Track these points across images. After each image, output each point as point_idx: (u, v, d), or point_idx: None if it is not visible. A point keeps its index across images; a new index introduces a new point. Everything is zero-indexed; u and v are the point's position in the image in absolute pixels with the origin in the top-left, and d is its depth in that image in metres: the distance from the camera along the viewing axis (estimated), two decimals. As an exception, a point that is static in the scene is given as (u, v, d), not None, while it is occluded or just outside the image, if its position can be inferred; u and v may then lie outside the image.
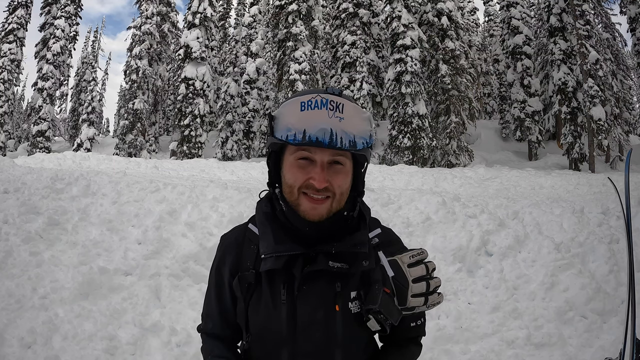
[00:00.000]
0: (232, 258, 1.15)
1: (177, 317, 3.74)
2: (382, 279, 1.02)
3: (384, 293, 1.00)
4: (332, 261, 1.04)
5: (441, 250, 4.86)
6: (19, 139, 34.25)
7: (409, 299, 1.01)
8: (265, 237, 1.08)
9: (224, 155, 24.62)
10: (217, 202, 5.78)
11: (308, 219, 1.04)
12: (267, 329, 1.07)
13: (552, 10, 22.55)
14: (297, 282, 1.05)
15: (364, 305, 1.03)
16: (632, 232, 1.55)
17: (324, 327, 1.04)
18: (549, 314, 3.96)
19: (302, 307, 1.05)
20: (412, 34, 20.60)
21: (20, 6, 31.46)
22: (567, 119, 21.57)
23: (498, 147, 24.90)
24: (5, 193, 5.62)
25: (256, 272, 1.09)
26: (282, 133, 1.01)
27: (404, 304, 1.01)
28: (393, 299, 1.01)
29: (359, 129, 1.02)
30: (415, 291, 1.01)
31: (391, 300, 1.00)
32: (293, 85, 21.86)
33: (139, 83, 27.68)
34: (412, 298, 1.01)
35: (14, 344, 3.17)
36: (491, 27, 31.69)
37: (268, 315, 1.07)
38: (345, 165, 1.05)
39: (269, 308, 1.07)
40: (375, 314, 0.99)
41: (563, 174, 16.50)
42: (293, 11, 22.78)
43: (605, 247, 4.69)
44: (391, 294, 1.01)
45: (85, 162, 14.40)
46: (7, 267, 4.03)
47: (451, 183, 13.04)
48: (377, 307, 0.98)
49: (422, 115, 20.25)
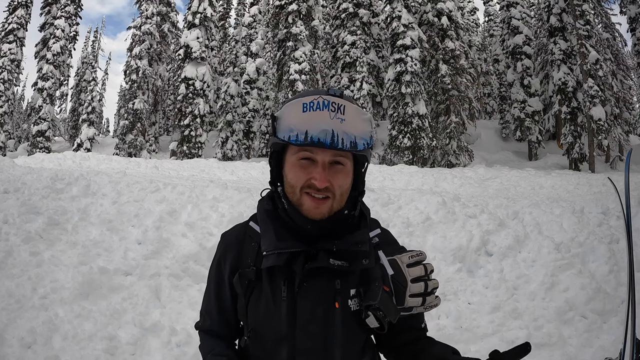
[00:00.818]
0: (232, 255, 1.16)
1: (177, 317, 3.74)
2: (381, 277, 1.03)
3: (383, 291, 1.00)
4: (332, 259, 1.05)
5: (441, 250, 4.85)
6: (19, 139, 34.27)
7: (407, 299, 1.01)
8: (267, 234, 1.09)
9: (224, 155, 24.63)
10: (217, 202, 5.79)
11: (310, 218, 1.05)
12: (267, 325, 1.08)
13: (552, 10, 22.56)
14: (298, 279, 1.06)
15: (364, 301, 1.03)
16: (632, 232, 1.55)
17: (323, 323, 1.05)
18: (549, 314, 3.96)
19: (302, 304, 1.06)
20: (412, 34, 20.60)
21: (20, 6, 31.47)
22: (567, 119, 21.57)
23: (498, 147, 24.90)
24: (5, 193, 5.62)
25: (257, 269, 1.10)
26: (284, 134, 1.03)
27: (402, 304, 1.02)
28: (392, 297, 1.01)
29: (360, 130, 1.04)
30: (413, 291, 1.02)
31: (390, 299, 1.00)
32: (293, 85, 21.86)
33: (139, 83, 27.69)
34: (410, 298, 1.02)
35: (14, 344, 3.17)
36: (491, 27, 31.68)
37: (268, 311, 1.08)
38: (346, 166, 1.06)
39: (269, 304, 1.08)
40: (375, 311, 1.00)
41: (563, 174, 16.50)
42: (293, 11, 22.79)
43: (605, 247, 4.69)
44: (390, 293, 1.01)
45: (85, 162, 14.40)
46: (7, 267, 4.04)
47: (451, 183, 13.03)
48: (376, 303, 0.99)
49: (422, 115, 20.26)
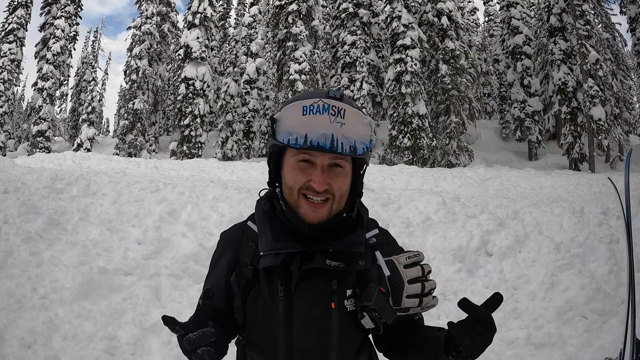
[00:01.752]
0: (230, 254, 1.17)
1: (177, 317, 3.70)
2: (378, 278, 1.03)
3: (380, 292, 1.00)
4: (329, 260, 1.05)
5: (441, 250, 4.85)
6: (19, 139, 34.25)
7: (404, 300, 1.01)
8: (264, 234, 1.09)
9: (224, 155, 24.63)
10: (217, 202, 5.78)
11: (307, 221, 1.05)
12: (263, 325, 1.08)
13: (552, 10, 22.55)
14: (295, 279, 1.06)
15: (359, 302, 1.03)
16: (632, 232, 1.55)
17: (319, 323, 1.06)
18: (549, 314, 3.95)
19: (299, 304, 1.06)
20: (412, 34, 20.60)
21: (20, 6, 31.47)
22: (567, 119, 21.57)
23: (498, 147, 24.90)
24: (5, 193, 5.62)
25: (254, 268, 1.11)
26: (283, 136, 1.03)
27: (398, 305, 1.01)
28: (388, 298, 1.01)
29: (360, 134, 1.03)
30: (410, 292, 1.01)
31: (386, 300, 1.00)
32: (293, 85, 21.86)
33: (139, 83, 27.68)
34: (407, 299, 1.01)
35: (14, 344, 3.17)
36: (491, 27, 31.69)
37: (265, 311, 1.08)
38: (344, 168, 1.06)
39: (266, 304, 1.08)
40: (370, 312, 0.99)
41: (563, 174, 16.50)
42: (293, 11, 22.79)
43: (605, 247, 4.69)
44: (386, 293, 1.01)
45: (85, 162, 14.39)
46: (7, 267, 4.04)
47: (451, 183, 13.03)
48: (371, 304, 0.98)
49: (422, 115, 20.25)
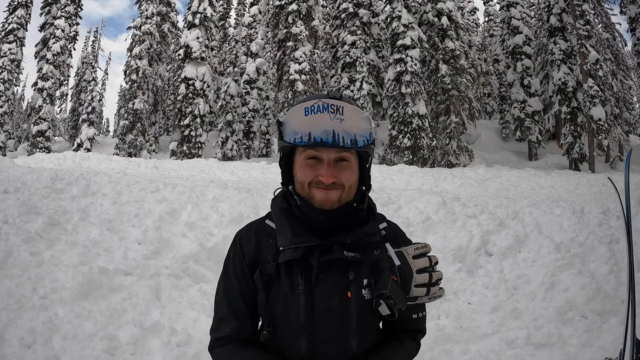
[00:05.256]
0: (251, 252, 1.21)
1: (177, 317, 3.74)
2: (389, 268, 1.10)
3: (392, 280, 1.07)
4: (346, 251, 1.11)
5: (441, 250, 4.85)
6: (19, 139, 34.25)
7: (413, 289, 1.08)
8: (282, 230, 1.15)
9: (224, 155, 24.62)
10: (217, 202, 5.78)
11: (321, 207, 1.13)
12: (286, 317, 1.14)
13: (552, 10, 22.56)
14: (315, 272, 1.12)
15: (375, 290, 1.09)
16: (632, 232, 1.55)
17: (339, 313, 1.13)
18: (549, 314, 3.95)
19: (320, 295, 1.12)
20: (412, 34, 20.60)
21: (20, 6, 31.47)
22: (567, 119, 21.57)
23: (498, 147, 24.89)
24: (5, 193, 5.62)
25: (276, 264, 1.16)
26: (290, 137, 1.13)
27: (407, 294, 1.08)
28: (400, 286, 1.07)
29: (359, 128, 1.12)
30: (418, 281, 1.08)
31: (399, 288, 1.07)
32: (293, 85, 21.85)
33: (139, 83, 27.67)
34: (415, 288, 1.08)
35: (14, 344, 3.17)
36: (491, 27, 31.68)
37: (287, 304, 1.14)
38: (350, 161, 1.15)
39: (288, 298, 1.14)
40: (386, 299, 1.06)
41: (563, 174, 16.50)
42: (293, 11, 22.78)
43: (605, 247, 4.69)
44: (398, 282, 1.08)
45: (85, 162, 14.39)
46: (7, 267, 4.03)
47: (451, 183, 13.03)
48: (387, 292, 1.04)
49: (422, 115, 20.26)
